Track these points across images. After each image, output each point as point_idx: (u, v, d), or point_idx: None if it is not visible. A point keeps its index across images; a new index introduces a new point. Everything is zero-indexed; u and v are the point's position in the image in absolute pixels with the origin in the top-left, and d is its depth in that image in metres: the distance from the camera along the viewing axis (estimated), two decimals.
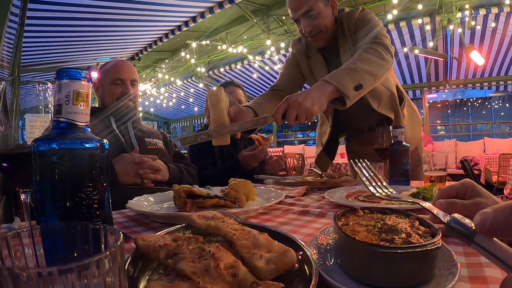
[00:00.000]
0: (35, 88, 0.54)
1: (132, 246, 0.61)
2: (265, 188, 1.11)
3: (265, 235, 0.44)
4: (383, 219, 0.50)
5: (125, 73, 1.52)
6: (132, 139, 1.47)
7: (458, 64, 5.90)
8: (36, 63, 5.20)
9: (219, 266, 0.36)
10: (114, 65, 1.54)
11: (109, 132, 1.43)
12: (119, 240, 0.25)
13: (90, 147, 0.43)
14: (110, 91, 1.50)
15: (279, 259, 0.38)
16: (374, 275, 0.40)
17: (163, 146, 1.58)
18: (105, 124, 1.45)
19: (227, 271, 0.36)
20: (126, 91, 1.49)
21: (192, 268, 0.36)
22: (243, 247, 0.41)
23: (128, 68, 1.54)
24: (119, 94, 1.49)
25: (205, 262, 0.36)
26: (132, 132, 1.50)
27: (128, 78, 1.52)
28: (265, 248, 0.41)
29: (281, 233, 0.49)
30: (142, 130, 1.57)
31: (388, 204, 0.86)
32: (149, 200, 0.94)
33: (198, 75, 7.30)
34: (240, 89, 1.98)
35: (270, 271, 0.38)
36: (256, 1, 4.78)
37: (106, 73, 1.53)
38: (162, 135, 1.69)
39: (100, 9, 3.83)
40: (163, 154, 1.52)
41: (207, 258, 0.37)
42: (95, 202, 0.43)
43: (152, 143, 1.55)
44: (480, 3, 4.37)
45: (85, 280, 0.22)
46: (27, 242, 0.30)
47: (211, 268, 0.35)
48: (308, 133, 18.02)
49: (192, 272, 0.35)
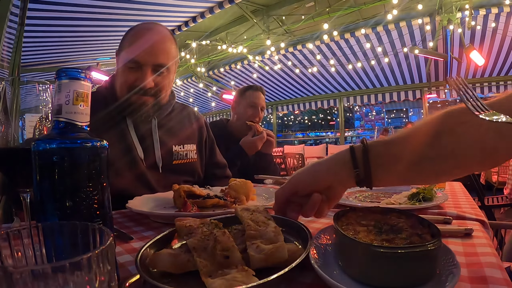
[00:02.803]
0: (35, 88, 0.54)
1: (132, 246, 0.61)
2: (265, 188, 1.12)
3: (276, 230, 0.49)
4: (383, 219, 0.50)
5: (145, 53, 1.01)
6: (156, 150, 1.09)
7: (458, 64, 5.90)
8: (36, 63, 5.20)
9: (216, 248, 0.43)
10: (135, 35, 1.04)
11: (120, 135, 1.06)
12: (110, 238, 0.26)
13: (90, 147, 0.43)
14: (122, 75, 1.05)
15: (270, 252, 0.43)
16: (374, 275, 0.40)
17: (195, 156, 1.22)
18: (113, 119, 1.06)
19: (221, 252, 0.43)
20: (142, 81, 1.01)
21: (194, 244, 0.44)
22: (249, 236, 0.48)
23: (153, 45, 1.02)
24: (131, 83, 1.03)
25: (207, 242, 0.44)
26: (157, 137, 1.11)
27: (149, 61, 1.01)
28: (268, 241, 0.46)
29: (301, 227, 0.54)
30: (171, 130, 1.18)
31: (388, 204, 0.86)
32: (149, 200, 0.94)
33: (198, 75, 7.30)
34: (262, 93, 1.93)
35: (258, 260, 0.42)
36: (256, 1, 4.78)
37: (124, 43, 1.06)
38: (199, 131, 1.27)
39: (100, 9, 3.83)
40: (192, 170, 1.20)
41: (210, 240, 0.45)
42: (95, 202, 0.43)
43: (181, 155, 1.16)
44: (480, 3, 4.36)
45: (76, 277, 0.22)
46: (19, 242, 0.31)
47: (209, 248, 0.43)
48: (308, 133, 18.02)
49: (193, 247, 0.44)
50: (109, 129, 1.04)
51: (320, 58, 5.99)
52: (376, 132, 1.68)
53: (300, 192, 0.59)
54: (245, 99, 1.89)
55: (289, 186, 0.60)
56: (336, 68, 6.42)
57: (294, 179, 0.60)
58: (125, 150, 1.05)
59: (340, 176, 0.56)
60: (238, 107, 1.92)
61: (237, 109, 1.93)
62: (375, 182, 0.54)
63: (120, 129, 1.07)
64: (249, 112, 1.85)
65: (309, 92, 8.18)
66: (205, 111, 10.52)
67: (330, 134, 20.68)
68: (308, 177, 0.59)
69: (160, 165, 1.10)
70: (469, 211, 0.78)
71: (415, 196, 0.87)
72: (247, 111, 1.86)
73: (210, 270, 0.41)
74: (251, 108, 1.86)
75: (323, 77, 7.08)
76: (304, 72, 6.79)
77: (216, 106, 9.67)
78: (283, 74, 7.07)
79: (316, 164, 0.59)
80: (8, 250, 0.29)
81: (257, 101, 1.88)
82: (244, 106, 1.88)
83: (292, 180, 0.61)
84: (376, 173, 0.53)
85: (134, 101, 1.05)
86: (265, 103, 1.95)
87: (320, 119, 24.98)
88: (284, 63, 6.46)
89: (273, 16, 5.07)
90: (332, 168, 0.57)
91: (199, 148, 1.27)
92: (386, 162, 0.54)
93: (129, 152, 1.05)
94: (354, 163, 0.54)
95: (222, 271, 0.40)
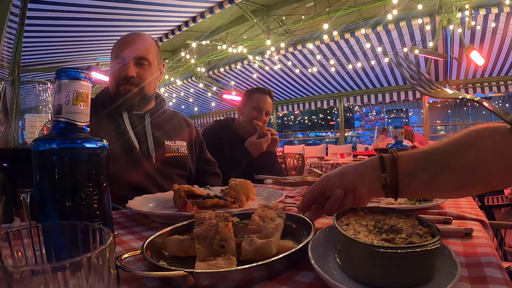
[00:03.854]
0: (35, 88, 0.54)
1: (132, 246, 0.61)
2: (265, 188, 1.12)
3: (277, 226, 0.52)
4: (383, 219, 0.50)
5: (126, 48, 1.17)
6: (149, 142, 1.21)
7: (458, 64, 5.89)
8: (36, 63, 5.20)
9: (215, 237, 0.49)
10: (122, 39, 1.22)
11: (117, 130, 1.17)
12: (110, 238, 0.26)
13: (90, 147, 0.43)
14: (112, 73, 1.21)
15: (259, 247, 0.47)
16: (374, 275, 0.40)
17: (186, 151, 1.33)
18: (111, 117, 1.19)
19: (219, 242, 0.48)
20: (126, 73, 1.15)
21: (198, 233, 0.50)
22: (248, 230, 0.52)
23: (131, 41, 1.19)
24: (119, 77, 1.17)
25: (209, 232, 0.50)
26: (150, 131, 1.22)
27: (130, 55, 1.17)
28: (263, 236, 0.50)
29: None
30: (162, 127, 1.29)
31: (388, 204, 0.86)
32: (149, 200, 0.94)
33: (198, 75, 7.30)
34: (270, 97, 1.88)
35: (248, 252, 0.47)
36: (256, 1, 4.78)
37: (114, 47, 1.22)
38: (188, 131, 1.40)
39: (100, 9, 3.83)
40: (183, 164, 1.31)
41: (212, 230, 0.50)
42: (95, 202, 0.43)
43: (173, 148, 1.27)
44: (480, 3, 4.36)
45: (76, 277, 0.23)
46: (19, 242, 0.31)
47: (209, 237, 0.49)
48: (308, 133, 18.04)
49: (197, 236, 0.50)
50: (107, 126, 1.15)
51: (320, 58, 5.98)
52: (376, 132, 1.68)
53: (327, 192, 0.62)
54: (251, 101, 1.85)
55: (318, 186, 0.63)
56: (336, 68, 6.42)
57: (323, 179, 0.63)
58: (123, 142, 1.16)
59: (367, 178, 0.59)
60: (243, 108, 1.88)
61: (242, 110, 1.89)
62: (401, 188, 0.56)
63: (117, 124, 1.18)
64: (252, 115, 1.81)
65: (309, 92, 8.18)
66: (205, 111, 10.52)
67: (330, 134, 20.69)
68: (337, 177, 0.62)
69: (153, 155, 1.20)
70: (469, 211, 0.78)
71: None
72: (251, 114, 1.81)
73: (204, 256, 0.47)
74: (255, 111, 1.82)
75: (323, 77, 7.08)
76: (304, 72, 6.79)
77: (216, 106, 9.67)
78: (283, 74, 7.06)
79: (347, 166, 0.63)
80: (8, 250, 0.29)
81: (262, 105, 1.82)
82: (249, 108, 1.84)
83: (321, 180, 0.63)
84: (403, 180, 0.56)
85: (122, 92, 1.18)
86: (271, 108, 1.88)
87: (320, 119, 24.97)
88: (284, 63, 6.46)
89: (273, 16, 5.07)
90: (361, 171, 0.60)
91: (189, 145, 1.37)
92: (413, 171, 0.56)
93: (126, 143, 1.16)
94: (382, 168, 0.57)
95: (214, 258, 0.45)
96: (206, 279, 0.40)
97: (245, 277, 0.42)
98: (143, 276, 0.44)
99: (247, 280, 0.42)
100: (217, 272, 0.41)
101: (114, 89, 1.20)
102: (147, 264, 0.47)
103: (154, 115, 1.28)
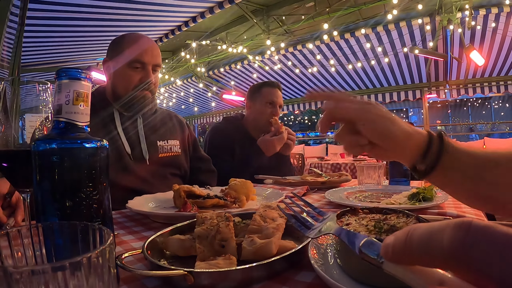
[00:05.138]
0: (35, 88, 0.54)
1: (132, 246, 0.61)
2: (265, 188, 1.12)
3: (278, 227, 0.52)
4: (383, 219, 0.50)
5: (148, 55, 1.17)
6: (142, 144, 1.21)
7: (458, 64, 5.89)
8: (36, 63, 5.20)
9: (215, 237, 0.49)
10: (134, 41, 1.19)
11: (109, 134, 1.16)
12: (110, 238, 0.26)
13: (90, 147, 0.43)
14: (126, 76, 1.18)
15: (260, 247, 0.47)
16: (374, 275, 0.40)
17: (179, 150, 1.32)
18: (104, 121, 1.18)
19: (219, 242, 0.48)
20: (146, 78, 1.17)
21: (199, 233, 0.50)
22: (249, 230, 0.52)
23: (152, 49, 1.20)
24: (137, 82, 1.18)
25: (210, 232, 0.50)
26: (143, 133, 1.22)
27: (151, 62, 1.19)
28: (264, 236, 0.50)
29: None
30: (154, 128, 1.29)
31: (388, 204, 0.86)
32: (149, 200, 0.94)
33: (198, 75, 7.30)
34: (279, 90, 1.80)
35: (248, 252, 0.47)
36: (256, 1, 4.78)
37: (122, 49, 1.18)
38: (180, 129, 1.39)
39: (100, 9, 3.83)
40: (177, 163, 1.31)
41: (213, 230, 0.50)
42: (95, 202, 0.43)
43: (166, 148, 1.27)
44: (480, 3, 4.37)
45: (76, 277, 0.23)
46: (19, 242, 0.31)
47: (210, 237, 0.49)
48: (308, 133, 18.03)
49: (198, 235, 0.50)
50: (98, 130, 1.14)
51: (320, 58, 5.98)
52: None
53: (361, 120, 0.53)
54: (262, 96, 1.75)
55: (359, 104, 0.54)
56: (336, 68, 6.42)
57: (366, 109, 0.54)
58: (116, 147, 1.16)
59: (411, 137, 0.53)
60: (254, 105, 1.77)
61: (252, 107, 1.78)
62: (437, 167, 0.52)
63: (109, 128, 1.18)
64: (267, 111, 1.71)
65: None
66: (205, 111, 10.52)
67: (330, 134, 20.67)
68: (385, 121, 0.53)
69: (147, 157, 1.20)
70: (469, 211, 0.78)
71: (415, 196, 0.87)
72: (265, 110, 1.72)
73: (205, 255, 0.47)
74: (269, 106, 1.73)
75: (323, 77, 7.08)
76: (304, 72, 6.79)
77: (216, 106, 9.67)
78: (283, 74, 7.07)
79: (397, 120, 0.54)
80: (8, 250, 0.29)
81: (274, 99, 1.74)
82: (261, 104, 1.73)
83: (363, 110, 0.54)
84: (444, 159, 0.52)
85: (139, 96, 1.19)
86: (282, 100, 1.80)
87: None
88: (284, 63, 6.46)
89: (273, 16, 5.07)
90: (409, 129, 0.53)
91: (182, 144, 1.36)
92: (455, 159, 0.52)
93: (117, 148, 1.16)
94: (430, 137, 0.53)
95: (214, 258, 0.45)
96: (205, 279, 0.41)
97: (245, 277, 0.42)
98: (143, 275, 0.44)
99: (247, 280, 0.42)
100: (217, 271, 0.41)
101: (127, 92, 1.18)
102: (148, 264, 0.47)
103: (146, 115, 1.28)
